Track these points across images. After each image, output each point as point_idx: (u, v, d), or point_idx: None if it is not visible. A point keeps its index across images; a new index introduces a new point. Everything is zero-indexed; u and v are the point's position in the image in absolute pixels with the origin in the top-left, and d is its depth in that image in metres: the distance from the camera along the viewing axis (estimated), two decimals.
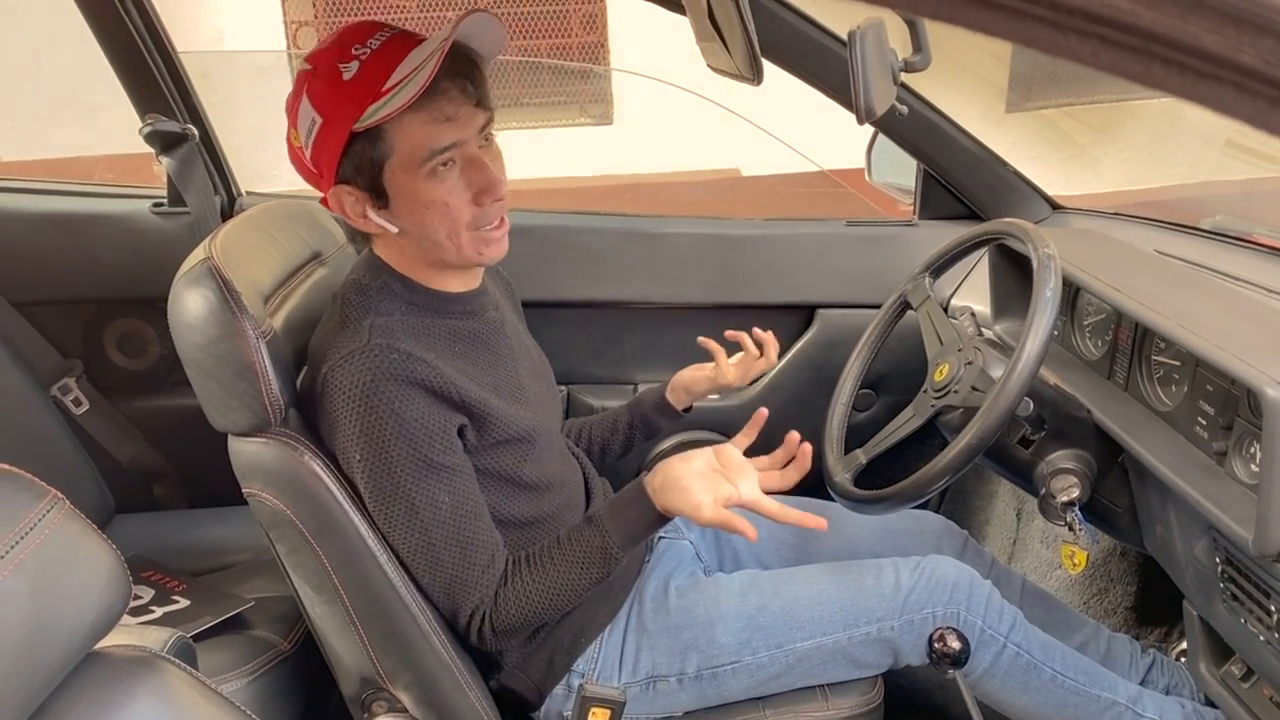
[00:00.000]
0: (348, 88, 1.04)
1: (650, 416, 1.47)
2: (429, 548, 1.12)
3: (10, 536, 0.67)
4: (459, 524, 1.12)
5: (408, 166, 1.07)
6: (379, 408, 1.07)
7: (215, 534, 1.68)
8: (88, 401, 1.74)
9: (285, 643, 1.39)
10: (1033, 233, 1.26)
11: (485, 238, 1.13)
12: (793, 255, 1.82)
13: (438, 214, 1.09)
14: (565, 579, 1.15)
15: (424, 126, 1.05)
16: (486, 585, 1.14)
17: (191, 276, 1.10)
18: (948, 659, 1.13)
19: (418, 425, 1.08)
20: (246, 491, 1.17)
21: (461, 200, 1.09)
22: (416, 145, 1.05)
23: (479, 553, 1.14)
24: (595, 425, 1.51)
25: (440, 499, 1.11)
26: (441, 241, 1.11)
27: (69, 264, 1.74)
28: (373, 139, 1.06)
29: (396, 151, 1.06)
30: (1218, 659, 1.26)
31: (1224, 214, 1.64)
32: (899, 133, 1.70)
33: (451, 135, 1.06)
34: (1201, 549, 1.16)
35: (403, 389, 1.08)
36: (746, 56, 1.00)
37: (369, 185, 1.09)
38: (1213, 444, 1.15)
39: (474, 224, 1.11)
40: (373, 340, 1.09)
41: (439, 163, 1.07)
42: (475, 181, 1.09)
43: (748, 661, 1.27)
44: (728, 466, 1.13)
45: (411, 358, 1.09)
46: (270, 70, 5.62)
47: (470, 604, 1.15)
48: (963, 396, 1.30)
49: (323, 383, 1.11)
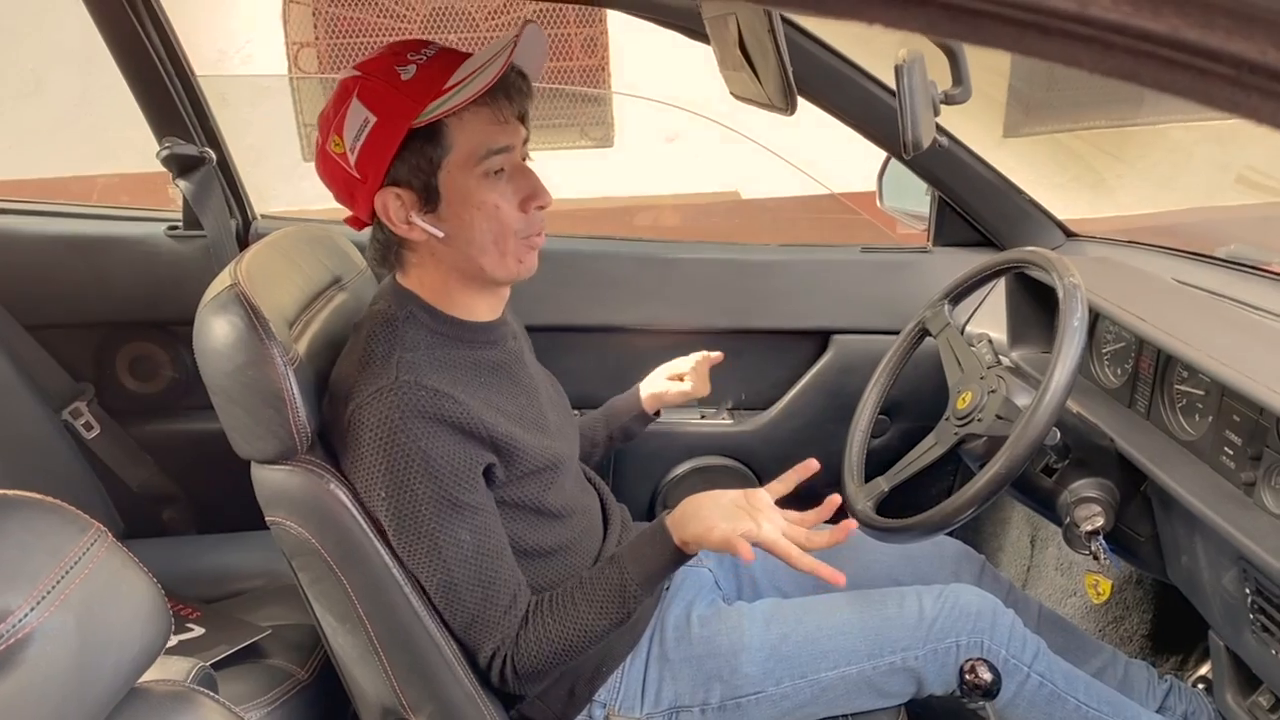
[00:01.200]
0: (407, 86, 1.06)
1: (629, 426, 1.52)
2: (451, 587, 1.12)
3: (56, 571, 0.66)
4: (481, 563, 1.12)
5: (465, 164, 1.09)
6: (405, 445, 1.07)
7: (226, 560, 1.66)
8: (98, 425, 1.72)
9: (302, 672, 1.37)
10: (1057, 262, 1.26)
11: (529, 244, 1.15)
12: (807, 281, 1.82)
13: (487, 216, 1.10)
14: (585, 619, 1.14)
15: (484, 125, 1.08)
16: (508, 626, 1.14)
17: (219, 302, 1.09)
18: (979, 690, 1.13)
19: (443, 463, 1.08)
20: (270, 520, 1.15)
21: (510, 205, 1.12)
22: (476, 143, 1.08)
23: (501, 593, 1.13)
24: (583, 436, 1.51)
25: (463, 538, 1.11)
26: (487, 246, 1.12)
27: (82, 287, 1.73)
28: (432, 136, 1.07)
29: (455, 148, 1.08)
30: (1244, 690, 1.26)
31: (1238, 242, 1.65)
32: (915, 160, 1.70)
33: (507, 138, 1.09)
34: (1230, 579, 1.15)
35: (429, 427, 1.08)
36: (780, 85, 1.00)
37: (421, 185, 1.10)
38: (1240, 474, 1.15)
39: (520, 230, 1.13)
40: (400, 377, 1.08)
41: (494, 165, 1.09)
42: (523, 188, 1.12)
43: (771, 692, 1.26)
44: (754, 506, 1.13)
45: (439, 394, 1.08)
46: (269, 91, 5.64)
47: (491, 644, 1.14)
48: (987, 425, 1.30)
49: (349, 419, 1.10)
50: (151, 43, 1.54)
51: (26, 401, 1.63)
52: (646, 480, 1.90)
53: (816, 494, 1.89)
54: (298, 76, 5.57)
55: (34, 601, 0.63)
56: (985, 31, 0.22)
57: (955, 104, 0.94)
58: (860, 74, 1.60)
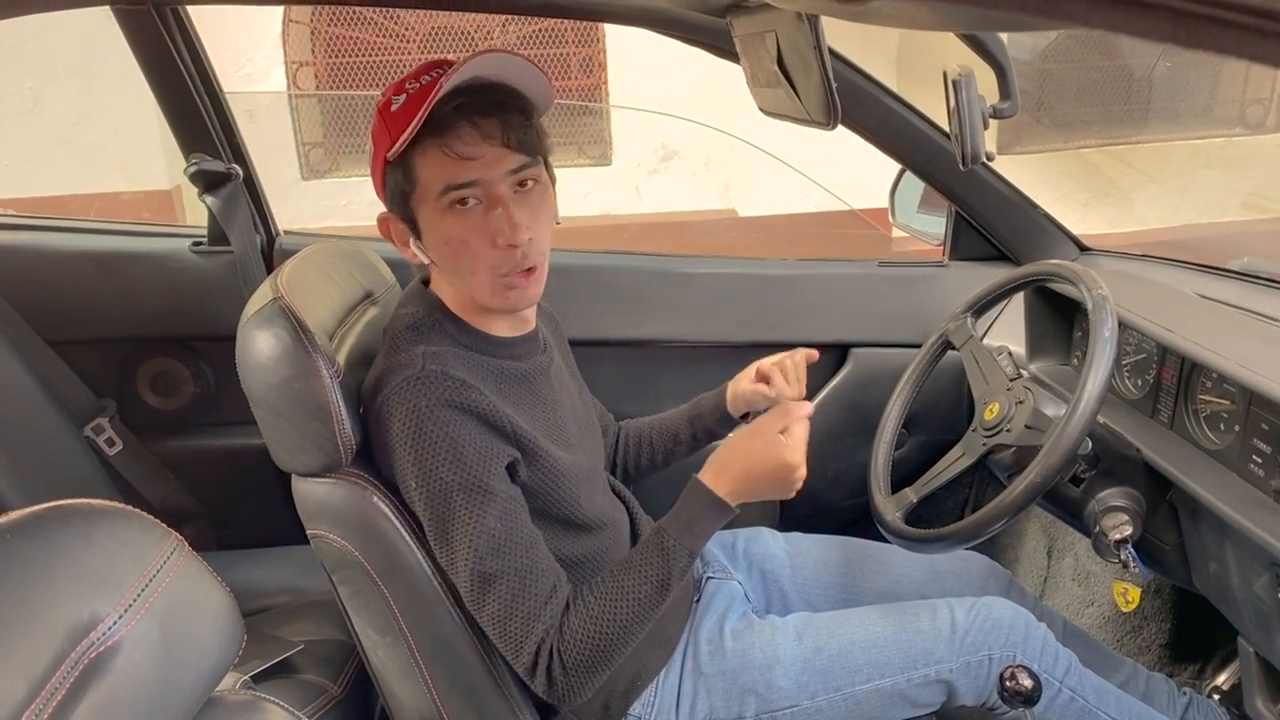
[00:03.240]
0: (391, 119, 1.07)
1: (713, 429, 1.48)
2: (486, 578, 1.08)
3: (141, 579, 0.66)
4: (515, 551, 1.09)
5: (426, 199, 1.09)
6: (433, 432, 1.07)
7: (250, 576, 1.66)
8: (120, 442, 1.72)
9: (335, 687, 1.37)
10: (1084, 275, 1.28)
11: (508, 282, 1.12)
12: (826, 295, 1.84)
13: (456, 251, 1.10)
14: (626, 583, 1.11)
15: (439, 162, 1.06)
16: (550, 616, 1.09)
17: (263, 316, 1.10)
18: (1020, 697, 1.14)
19: (471, 449, 1.08)
20: (312, 533, 1.15)
21: (481, 241, 1.09)
22: (433, 179, 1.07)
23: (538, 581, 1.10)
24: (656, 436, 1.51)
25: (494, 525, 1.08)
26: (468, 278, 1.12)
27: (105, 302, 1.73)
28: (401, 169, 1.08)
29: (419, 184, 1.08)
30: (1274, 695, 1.27)
31: (1251, 255, 1.68)
32: (933, 176, 1.73)
33: (471, 173, 1.06)
34: (1262, 585, 1.17)
35: (455, 415, 1.07)
36: (823, 101, 1.02)
37: (403, 215, 1.12)
38: (1270, 481, 1.16)
39: (495, 267, 1.10)
40: (427, 367, 1.09)
41: (456, 199, 1.07)
42: (493, 223, 1.08)
43: (806, 705, 1.26)
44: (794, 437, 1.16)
45: (465, 385, 1.09)
46: (268, 109, 5.65)
47: (535, 638, 1.08)
48: (1016, 435, 1.31)
49: (378, 411, 1.11)
50: (183, 60, 1.55)
51: (49, 418, 1.62)
52: (666, 494, 1.90)
53: (839, 507, 1.92)
54: (298, 95, 5.59)
55: (122, 609, 0.64)
56: (1204, 34, 0.23)
57: (1003, 118, 0.96)
58: (879, 89, 1.63)
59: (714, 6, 1.35)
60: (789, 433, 1.14)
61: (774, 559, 1.48)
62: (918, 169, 1.74)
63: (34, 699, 0.57)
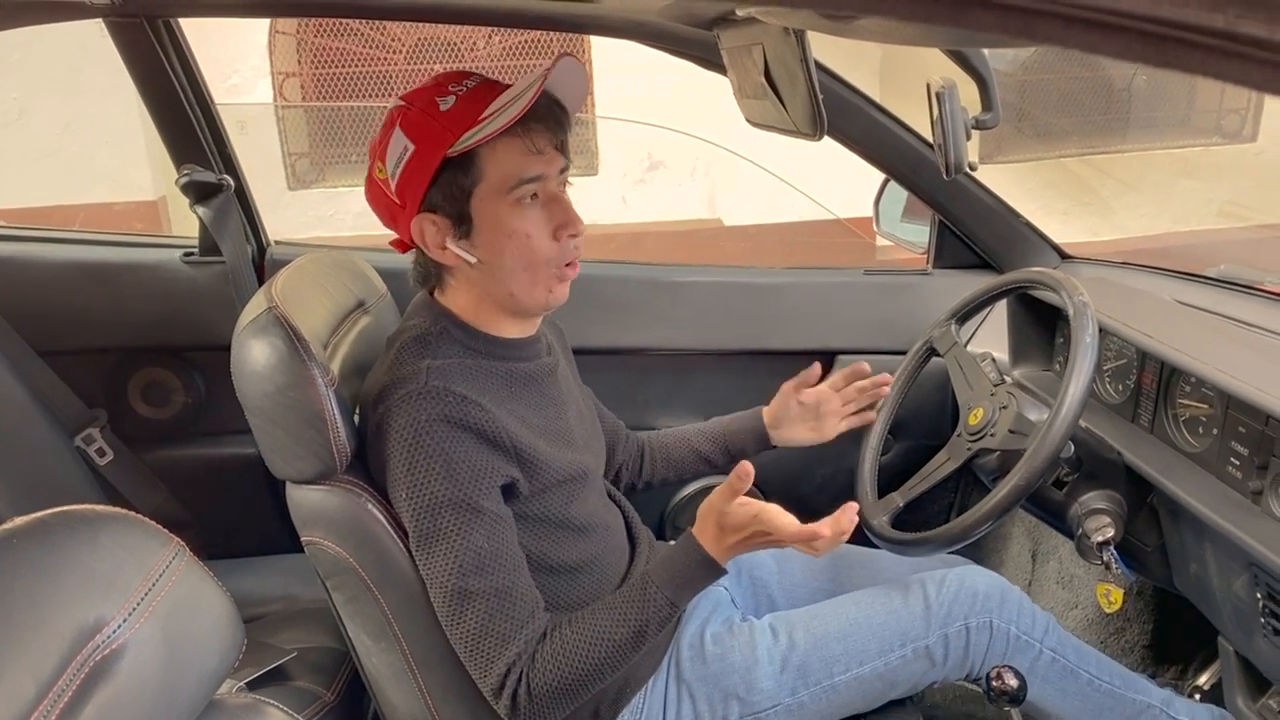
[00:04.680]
0: (444, 117, 1.09)
1: (749, 452, 1.51)
2: (465, 595, 1.10)
3: (144, 583, 0.67)
4: (499, 572, 1.11)
5: (496, 193, 1.11)
6: (429, 447, 1.08)
7: (241, 585, 1.65)
8: (111, 452, 1.72)
9: (328, 694, 1.38)
10: (1065, 281, 1.31)
11: (559, 274, 1.17)
12: (812, 303, 1.86)
13: (519, 245, 1.13)
14: (604, 625, 1.12)
15: (516, 154, 1.10)
16: (525, 640, 1.10)
17: (258, 325, 1.11)
18: (1006, 696, 1.15)
19: (465, 468, 1.09)
20: (306, 540, 1.16)
21: (542, 234, 1.14)
22: (507, 172, 1.10)
23: (518, 605, 1.11)
24: (681, 454, 1.54)
25: (480, 544, 1.10)
26: (518, 273, 1.15)
27: (96, 312, 1.74)
28: (464, 165, 1.10)
29: (486, 177, 1.11)
30: (1255, 693, 1.30)
31: (1227, 263, 1.71)
32: (917, 185, 1.76)
33: (539, 168, 1.11)
34: (1241, 585, 1.19)
35: (454, 431, 1.09)
36: (809, 112, 1.04)
37: (455, 212, 1.12)
38: (1248, 483, 1.19)
39: (552, 259, 1.15)
40: (430, 382, 1.10)
41: (525, 193, 1.11)
42: (556, 216, 1.14)
43: (788, 703, 1.27)
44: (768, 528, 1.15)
45: (467, 401, 1.10)
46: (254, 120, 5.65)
47: (505, 660, 1.09)
48: (1000, 439, 1.33)
49: (377, 423, 1.12)
50: (174, 71, 1.56)
51: (40, 428, 1.62)
52: (655, 500, 1.92)
53: (827, 512, 1.93)
54: (284, 106, 5.59)
55: (126, 613, 0.65)
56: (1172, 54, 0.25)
57: (986, 129, 0.98)
58: (863, 99, 1.66)
59: (701, 20, 1.38)
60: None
61: (761, 564, 1.50)
62: (902, 179, 1.77)
63: (42, 700, 0.59)
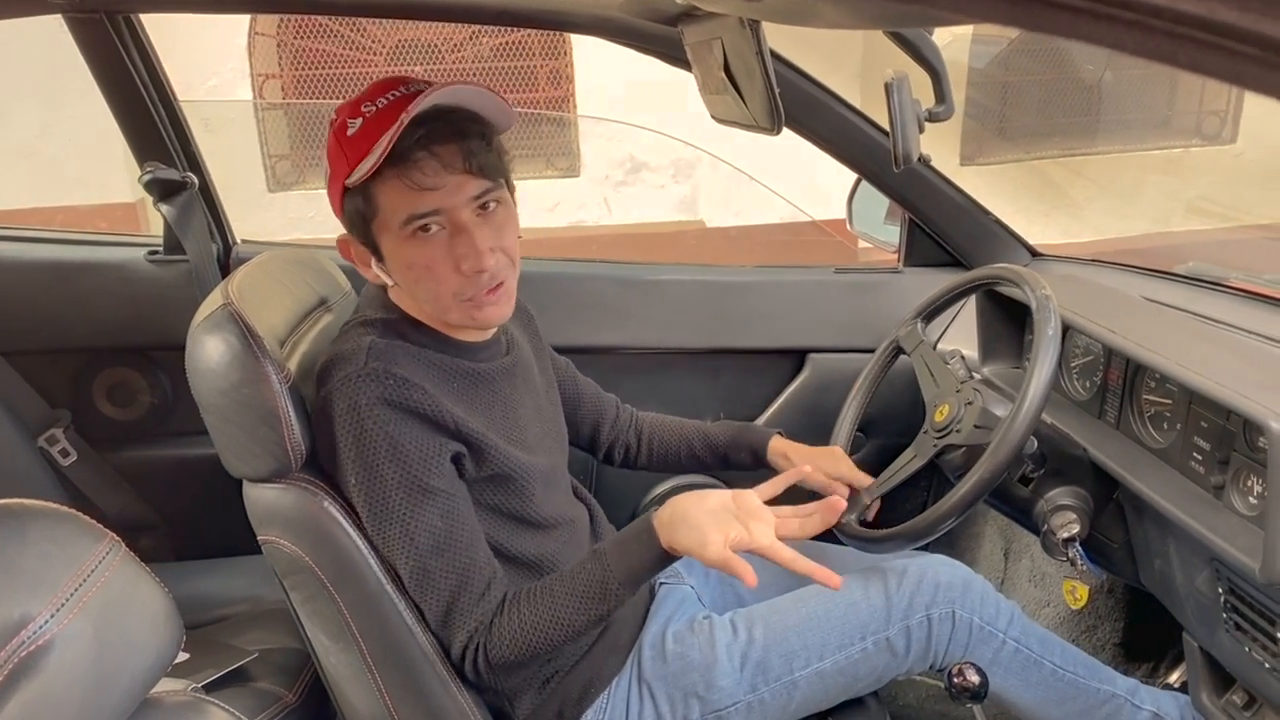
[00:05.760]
0: (348, 143, 1.07)
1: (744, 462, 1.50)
2: (424, 573, 1.11)
3: (74, 579, 0.66)
4: (454, 549, 1.11)
5: (388, 227, 1.09)
6: (372, 430, 1.08)
7: (206, 586, 1.65)
8: (75, 453, 1.70)
9: (290, 695, 1.36)
10: (1027, 277, 1.31)
11: (476, 303, 1.13)
12: (784, 301, 1.86)
13: (420, 276, 1.10)
14: (563, 612, 1.11)
15: (400, 193, 1.06)
16: (482, 613, 1.12)
17: (212, 321, 1.10)
18: (967, 693, 1.15)
19: (411, 448, 1.08)
20: (263, 539, 1.15)
21: (444, 267, 1.09)
22: (395, 208, 1.07)
23: (474, 579, 1.12)
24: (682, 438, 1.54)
25: (434, 523, 1.10)
26: (429, 301, 1.13)
27: (60, 312, 1.72)
28: (362, 196, 1.08)
29: (380, 210, 1.09)
30: (1219, 689, 1.30)
31: (1196, 260, 1.72)
32: (887, 183, 1.76)
33: (432, 203, 1.07)
34: (1203, 580, 1.19)
35: (395, 414, 1.08)
36: (767, 107, 1.04)
37: (363, 239, 1.12)
38: (1210, 478, 1.19)
39: (459, 292, 1.11)
40: (369, 364, 1.09)
41: (418, 226, 1.08)
42: (457, 249, 1.09)
43: (749, 700, 1.25)
44: (744, 510, 1.09)
45: (407, 383, 1.09)
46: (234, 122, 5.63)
47: (465, 632, 1.12)
48: (965, 435, 1.33)
49: (320, 406, 1.11)
50: (135, 68, 1.54)
51: (3, 429, 1.61)
52: (627, 499, 1.91)
53: None
54: (265, 106, 5.57)
55: (54, 609, 0.64)
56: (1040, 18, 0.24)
57: (938, 121, 0.98)
58: (833, 98, 1.65)
59: (666, 15, 1.37)
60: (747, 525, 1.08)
61: None
62: (871, 176, 1.77)
63: None
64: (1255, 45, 0.23)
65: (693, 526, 1.07)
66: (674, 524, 1.09)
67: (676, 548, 1.09)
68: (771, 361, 1.89)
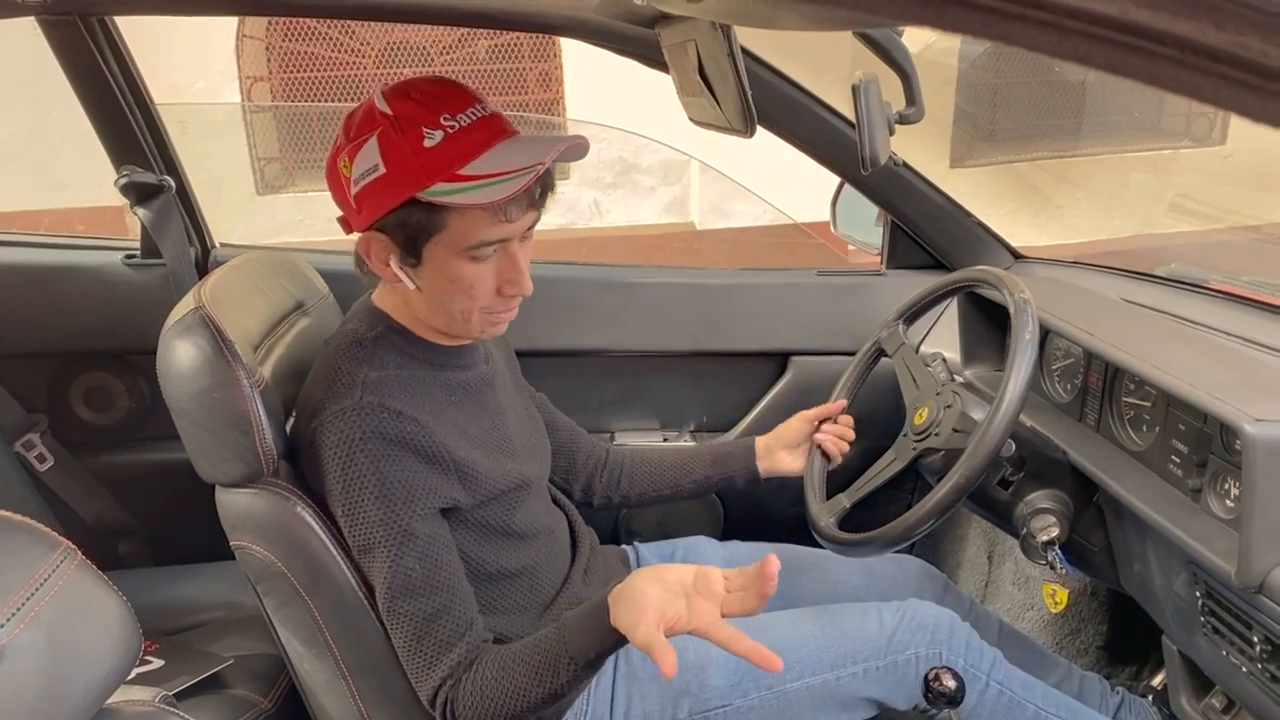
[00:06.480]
0: (426, 155, 1.03)
1: (736, 482, 1.49)
2: (395, 615, 1.10)
3: (26, 588, 0.65)
4: (428, 595, 1.09)
5: (453, 247, 1.07)
6: (362, 464, 1.07)
7: (184, 592, 1.64)
8: (52, 457, 1.69)
9: (265, 701, 1.35)
10: (1006, 279, 1.30)
11: (494, 319, 1.15)
12: (766, 304, 1.85)
13: (461, 291, 1.11)
14: (521, 682, 1.07)
15: (485, 221, 1.06)
16: (451, 664, 1.09)
17: (183, 325, 1.09)
18: (944, 698, 1.14)
19: (398, 487, 1.08)
20: (235, 544, 1.14)
21: (488, 287, 1.11)
22: (470, 234, 1.06)
23: (446, 627, 1.09)
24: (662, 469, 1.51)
25: (411, 567, 1.08)
26: (454, 313, 1.13)
27: (37, 316, 1.71)
28: (429, 211, 1.05)
29: (448, 229, 1.06)
30: (1198, 692, 1.29)
31: (1177, 262, 1.72)
32: (868, 185, 1.75)
33: (504, 232, 1.08)
34: (1181, 584, 1.19)
35: (389, 449, 1.08)
36: (740, 109, 1.03)
37: (406, 244, 1.09)
38: (1187, 481, 1.19)
39: (490, 308, 1.13)
40: (364, 398, 1.08)
41: (484, 254, 1.09)
42: (505, 274, 1.11)
43: (739, 704, 1.26)
44: (700, 590, 0.99)
45: (402, 417, 1.08)
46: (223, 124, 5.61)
47: (434, 680, 1.09)
48: (944, 438, 1.33)
49: (311, 436, 1.11)
50: (110, 70, 1.53)
51: None
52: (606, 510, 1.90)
53: (782, 515, 1.93)
54: (254, 108, 5.55)
55: (4, 618, 0.63)
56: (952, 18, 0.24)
57: (908, 124, 0.97)
58: (815, 102, 1.65)
59: (643, 18, 1.37)
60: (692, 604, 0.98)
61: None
62: (853, 179, 1.77)
63: None
64: (1172, 46, 0.23)
65: (630, 603, 0.99)
66: (619, 599, 1.01)
67: (617, 622, 1.01)
68: (754, 364, 1.88)
